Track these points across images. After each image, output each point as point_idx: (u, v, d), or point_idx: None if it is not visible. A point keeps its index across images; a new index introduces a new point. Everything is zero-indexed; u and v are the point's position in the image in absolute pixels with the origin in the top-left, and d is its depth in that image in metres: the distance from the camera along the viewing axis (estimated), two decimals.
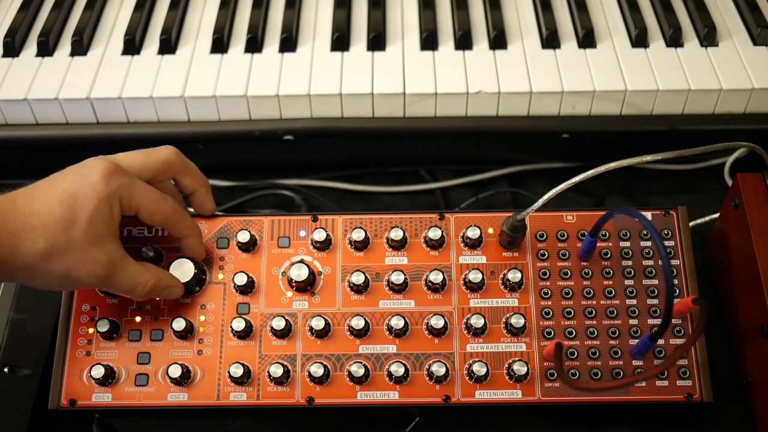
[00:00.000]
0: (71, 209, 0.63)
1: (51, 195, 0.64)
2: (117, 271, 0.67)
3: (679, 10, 0.98)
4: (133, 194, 0.67)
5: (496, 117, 0.91)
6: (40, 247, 0.62)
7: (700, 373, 0.72)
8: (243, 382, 0.72)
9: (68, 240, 0.63)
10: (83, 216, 0.64)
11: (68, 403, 0.72)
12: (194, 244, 0.74)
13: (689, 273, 0.75)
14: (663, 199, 0.98)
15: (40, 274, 0.64)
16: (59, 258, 0.63)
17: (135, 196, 0.67)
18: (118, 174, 0.66)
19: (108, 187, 0.65)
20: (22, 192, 0.65)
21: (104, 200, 0.64)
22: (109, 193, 0.65)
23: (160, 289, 0.71)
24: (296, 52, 0.95)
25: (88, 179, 0.65)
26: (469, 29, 0.95)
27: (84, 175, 0.65)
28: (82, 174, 0.65)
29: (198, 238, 0.74)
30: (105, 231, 0.65)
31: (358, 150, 0.98)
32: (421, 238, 0.77)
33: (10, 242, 0.62)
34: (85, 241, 0.64)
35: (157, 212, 0.69)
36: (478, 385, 0.72)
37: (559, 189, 0.67)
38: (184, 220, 0.72)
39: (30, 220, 0.63)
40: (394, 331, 0.73)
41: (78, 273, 0.65)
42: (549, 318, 0.74)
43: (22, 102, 0.90)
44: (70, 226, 0.63)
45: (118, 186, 0.66)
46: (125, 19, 0.99)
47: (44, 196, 0.64)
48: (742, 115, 0.90)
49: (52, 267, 0.63)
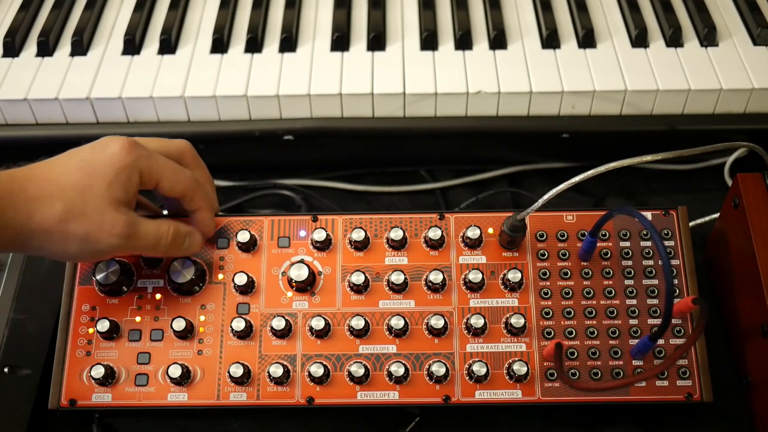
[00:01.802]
0: (89, 176, 0.64)
1: (69, 164, 0.65)
2: (137, 228, 0.67)
3: (679, 10, 0.98)
4: (153, 165, 0.68)
5: (496, 117, 0.91)
6: (57, 210, 0.63)
7: (700, 373, 0.72)
8: (243, 382, 0.72)
9: (85, 203, 0.64)
10: (101, 181, 0.65)
11: (68, 403, 0.72)
12: (207, 218, 0.74)
13: (689, 273, 0.75)
14: (663, 199, 0.98)
15: (57, 238, 0.64)
16: (76, 221, 0.64)
17: (155, 167, 0.68)
18: (137, 146, 0.67)
19: (127, 157, 0.66)
20: (39, 163, 0.66)
21: (123, 169, 0.66)
22: (128, 163, 0.66)
23: (181, 237, 0.71)
24: (296, 52, 0.95)
25: (106, 150, 0.66)
26: (469, 29, 0.95)
27: (102, 147, 0.67)
28: (100, 146, 0.67)
29: (212, 212, 0.75)
30: (122, 196, 0.66)
31: (358, 150, 0.98)
32: (421, 238, 0.77)
33: (26, 207, 0.62)
34: (103, 204, 0.65)
35: (177, 182, 0.70)
36: (478, 385, 0.72)
37: (559, 189, 0.67)
38: (200, 192, 0.72)
39: (47, 186, 0.63)
40: (394, 331, 0.73)
41: (98, 235, 0.65)
42: (549, 318, 0.74)
43: (22, 102, 0.90)
44: (88, 190, 0.64)
45: (138, 157, 0.67)
46: (125, 19, 1.00)
47: (62, 164, 0.65)
48: (742, 115, 0.90)
49: (71, 230, 0.64)
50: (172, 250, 0.71)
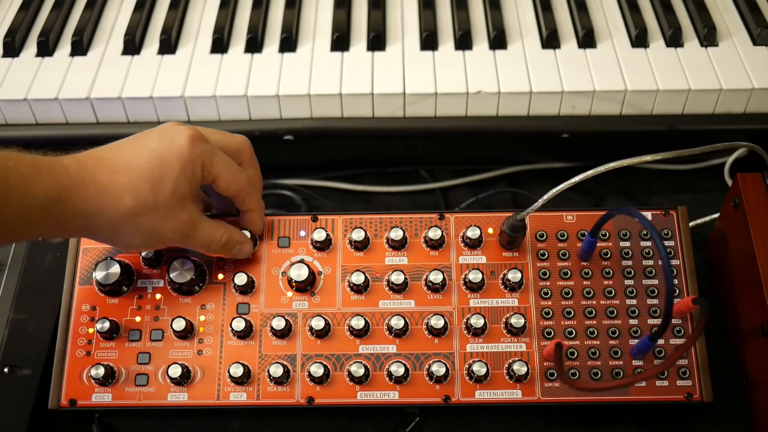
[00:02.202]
0: (159, 168, 0.65)
1: (138, 154, 0.65)
2: (197, 228, 0.69)
3: (679, 10, 0.98)
4: (214, 161, 0.68)
5: (496, 117, 0.91)
6: (128, 204, 0.64)
7: (700, 373, 0.72)
8: (243, 382, 0.72)
9: (156, 199, 0.65)
10: (170, 176, 0.65)
11: (68, 403, 0.72)
12: (256, 219, 0.75)
13: (689, 273, 0.75)
14: (663, 199, 0.98)
15: (125, 231, 0.65)
16: (146, 216, 0.65)
17: (215, 164, 0.68)
18: (202, 140, 0.68)
19: (193, 151, 0.66)
20: (107, 149, 0.66)
21: (189, 163, 0.66)
22: (194, 157, 0.66)
23: (232, 244, 0.73)
24: (296, 52, 0.95)
25: (174, 141, 0.66)
26: (469, 29, 0.95)
27: (170, 137, 0.67)
28: (168, 136, 0.67)
29: (261, 213, 0.75)
30: (188, 192, 0.67)
31: (358, 150, 0.97)
32: (421, 238, 0.77)
33: (98, 198, 0.63)
34: (172, 200, 0.65)
35: (233, 182, 0.70)
36: (478, 385, 0.72)
37: (559, 189, 0.67)
38: (254, 194, 0.73)
39: (118, 177, 0.64)
40: (394, 331, 0.73)
41: (163, 230, 0.66)
42: (549, 318, 0.74)
43: (22, 102, 0.90)
44: (158, 185, 0.65)
45: (202, 151, 0.67)
46: (125, 19, 1.00)
47: (131, 155, 0.65)
48: (742, 115, 0.90)
49: (140, 224, 0.65)
50: (220, 253, 0.73)
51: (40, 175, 0.60)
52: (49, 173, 0.61)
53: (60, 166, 0.62)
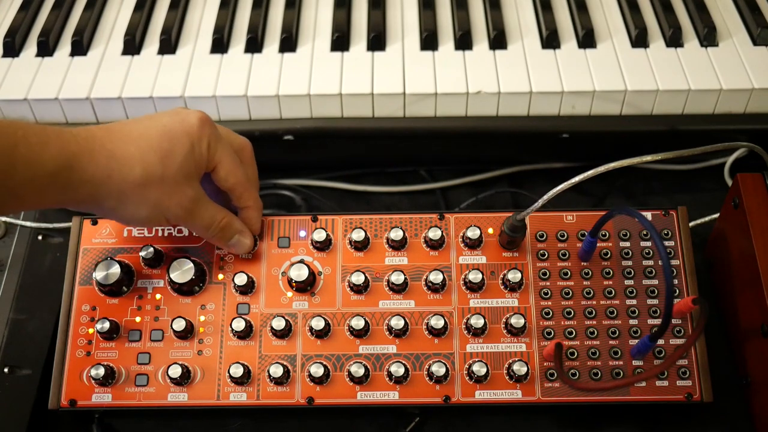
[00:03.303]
0: (169, 142, 0.65)
1: (149, 127, 0.66)
2: (199, 206, 0.69)
3: (679, 10, 0.98)
4: (218, 147, 0.69)
5: (496, 117, 0.91)
6: (137, 173, 0.64)
7: (700, 373, 0.72)
8: (243, 382, 0.72)
9: (164, 171, 0.65)
10: (179, 151, 0.66)
11: (68, 403, 0.72)
12: (254, 217, 0.75)
13: (689, 273, 0.75)
14: (663, 199, 0.98)
15: (131, 201, 0.66)
16: (153, 187, 0.65)
17: (219, 150, 0.69)
18: (211, 123, 0.69)
19: (202, 131, 0.67)
20: (117, 123, 0.67)
21: (198, 141, 0.67)
22: (202, 136, 0.67)
23: (231, 230, 0.73)
24: (296, 52, 0.95)
25: (186, 120, 0.67)
26: (469, 29, 0.95)
27: (181, 116, 0.68)
28: (179, 116, 0.68)
29: (259, 212, 0.76)
30: (194, 170, 0.68)
31: (358, 150, 0.97)
32: (421, 238, 0.77)
33: (107, 165, 0.63)
34: (179, 175, 0.66)
35: (232, 174, 0.71)
36: (478, 385, 0.72)
37: (559, 189, 0.67)
38: (251, 190, 0.74)
39: (128, 147, 0.64)
40: (394, 331, 0.73)
41: (168, 203, 0.67)
42: (549, 318, 0.74)
43: (22, 102, 0.90)
44: (167, 157, 0.65)
45: (210, 133, 0.68)
46: (125, 19, 0.99)
47: (143, 127, 0.66)
48: (742, 115, 0.90)
49: (146, 195, 0.65)
50: (218, 240, 0.73)
51: (49, 143, 0.60)
52: (58, 141, 0.61)
53: (69, 135, 0.62)
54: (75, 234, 0.78)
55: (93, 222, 0.78)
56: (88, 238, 0.78)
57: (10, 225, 0.83)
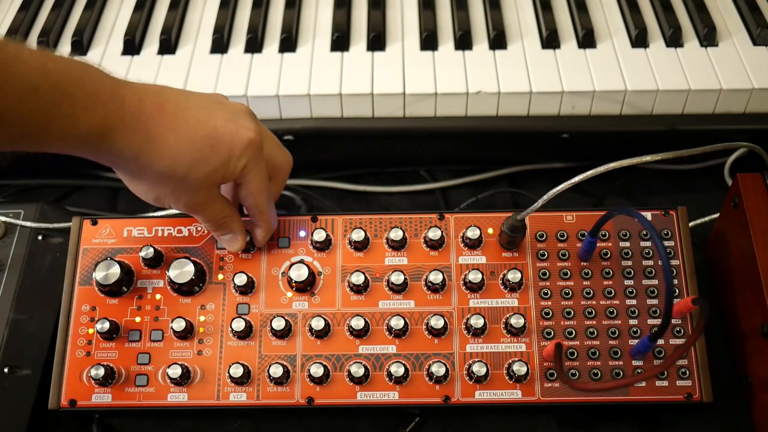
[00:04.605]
0: (209, 148, 0.64)
1: (200, 123, 0.64)
2: (206, 207, 0.69)
3: (679, 10, 0.98)
4: (253, 171, 0.68)
5: (496, 117, 0.91)
6: (164, 164, 0.63)
7: (700, 373, 0.72)
8: (243, 382, 0.72)
9: (188, 173, 0.64)
10: (214, 161, 0.65)
11: (68, 403, 0.72)
12: (260, 236, 0.75)
13: (689, 273, 0.75)
14: (663, 199, 0.98)
15: (145, 182, 0.65)
16: (172, 181, 0.65)
17: (252, 173, 0.68)
18: (258, 148, 0.67)
19: (247, 152, 0.66)
20: (173, 95, 0.64)
21: (236, 160, 0.66)
22: (242, 157, 0.66)
23: (227, 229, 0.73)
24: (296, 52, 0.95)
25: (237, 134, 0.65)
26: (469, 29, 0.95)
27: (237, 127, 0.66)
28: (236, 123, 0.66)
29: (268, 233, 0.75)
30: (219, 180, 0.67)
31: (358, 150, 0.97)
32: (421, 238, 0.77)
33: (140, 147, 0.61)
34: (201, 181, 0.65)
35: (253, 196, 0.70)
36: (478, 385, 0.72)
37: (559, 189, 0.67)
38: (267, 213, 0.73)
39: (169, 136, 0.62)
40: (394, 332, 0.73)
41: (178, 198, 0.67)
42: (549, 318, 0.74)
43: None
44: (199, 162, 0.64)
45: (252, 156, 0.67)
46: (125, 19, 0.99)
47: (193, 120, 0.64)
48: (742, 115, 0.90)
49: (161, 184, 0.65)
50: (213, 233, 0.74)
51: (95, 108, 0.58)
52: (104, 108, 0.58)
53: (119, 102, 0.60)
54: (75, 234, 0.78)
55: (93, 222, 0.78)
56: (88, 238, 0.78)
57: (10, 225, 0.83)
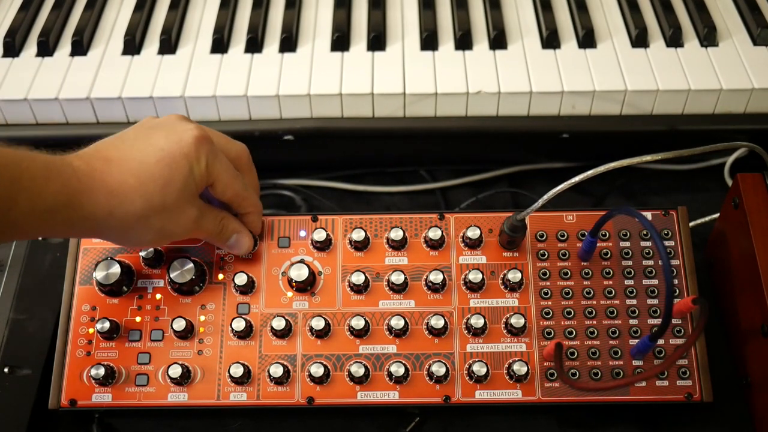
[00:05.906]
0: (168, 168, 0.65)
1: (147, 153, 0.65)
2: (202, 220, 0.70)
3: (679, 10, 0.98)
4: (216, 164, 0.68)
5: (496, 117, 0.91)
6: (138, 206, 0.64)
7: (700, 373, 0.72)
8: (243, 382, 0.72)
9: (164, 199, 0.65)
10: (179, 176, 0.65)
11: (68, 403, 0.72)
12: (254, 221, 0.75)
13: (689, 273, 0.75)
14: (663, 199, 0.98)
15: (135, 232, 0.66)
16: (156, 216, 0.65)
17: (216, 166, 0.68)
18: (208, 141, 0.68)
19: (200, 150, 0.67)
20: (113, 148, 0.66)
21: (196, 162, 0.66)
22: (200, 156, 0.67)
23: (227, 232, 0.73)
24: (296, 52, 0.95)
25: (182, 140, 0.66)
26: (469, 29, 0.95)
27: (178, 135, 0.66)
28: (176, 135, 0.67)
29: (259, 215, 0.76)
30: (195, 191, 0.67)
31: (358, 150, 0.97)
32: (421, 238, 0.77)
33: (107, 203, 0.62)
34: (181, 199, 0.66)
35: (229, 187, 0.70)
36: (478, 385, 0.72)
37: (559, 189, 0.67)
38: (250, 198, 0.74)
39: (128, 179, 0.63)
40: (394, 331, 0.73)
41: (171, 228, 0.67)
42: (549, 318, 0.74)
43: (22, 102, 0.90)
44: (167, 185, 0.65)
45: (208, 151, 0.67)
46: (125, 19, 1.00)
47: (140, 155, 0.65)
48: (742, 115, 0.90)
49: (150, 224, 0.65)
50: (218, 242, 0.74)
51: (51, 178, 0.60)
52: (60, 177, 0.60)
53: (70, 170, 0.61)
54: None
55: None
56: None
57: None
